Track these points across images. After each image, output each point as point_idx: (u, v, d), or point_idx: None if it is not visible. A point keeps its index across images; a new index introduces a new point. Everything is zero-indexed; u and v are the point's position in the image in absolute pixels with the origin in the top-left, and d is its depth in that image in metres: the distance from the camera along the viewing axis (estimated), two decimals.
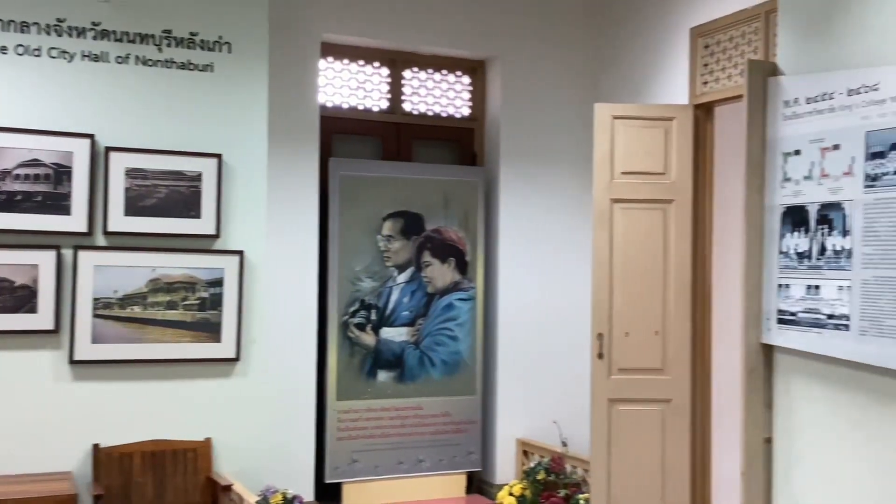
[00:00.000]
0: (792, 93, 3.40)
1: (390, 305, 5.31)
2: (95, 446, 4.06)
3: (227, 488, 3.98)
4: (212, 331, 4.27)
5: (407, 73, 5.64)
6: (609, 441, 4.66)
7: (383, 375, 5.28)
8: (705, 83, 4.76)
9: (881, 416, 3.02)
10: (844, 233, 3.15)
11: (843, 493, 3.17)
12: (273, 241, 4.68)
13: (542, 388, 5.61)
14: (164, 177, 4.22)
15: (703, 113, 4.80)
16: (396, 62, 5.59)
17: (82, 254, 4.08)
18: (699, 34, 4.80)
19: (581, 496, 4.81)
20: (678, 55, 4.96)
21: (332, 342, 5.14)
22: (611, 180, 4.70)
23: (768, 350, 3.52)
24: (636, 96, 5.30)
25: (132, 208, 4.17)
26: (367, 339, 5.23)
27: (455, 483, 5.46)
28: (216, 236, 4.28)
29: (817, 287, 3.26)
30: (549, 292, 5.65)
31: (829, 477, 3.24)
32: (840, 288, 3.16)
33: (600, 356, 4.68)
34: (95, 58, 4.14)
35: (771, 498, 3.48)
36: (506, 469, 5.53)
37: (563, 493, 4.93)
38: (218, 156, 4.28)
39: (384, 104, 5.57)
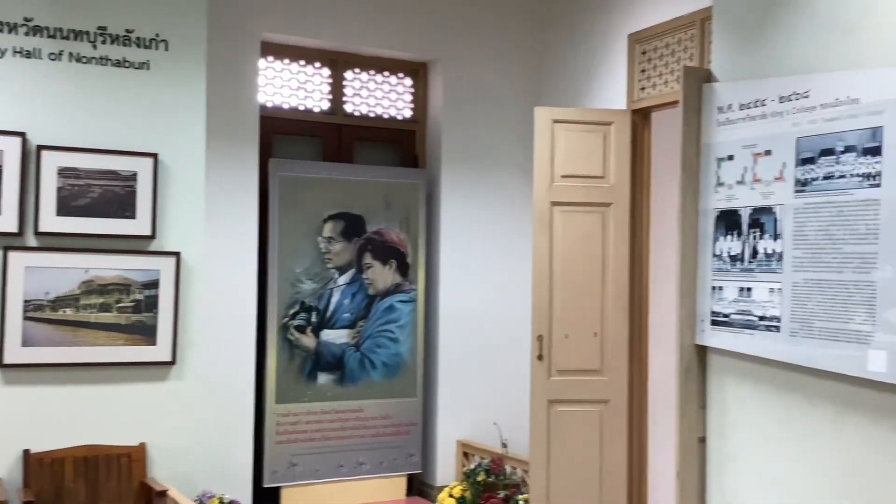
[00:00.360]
0: (726, 99, 3.48)
1: (331, 307, 5.27)
2: (26, 452, 3.94)
3: (162, 494, 3.90)
4: (147, 334, 4.19)
5: (348, 74, 5.61)
6: (548, 441, 4.70)
7: (323, 378, 5.24)
8: (643, 89, 4.84)
9: (809, 416, 3.11)
10: (775, 236, 3.23)
11: (774, 490, 3.25)
12: (211, 242, 4.60)
13: (482, 389, 5.63)
14: (98, 176, 4.12)
15: (641, 118, 4.87)
16: (338, 63, 5.56)
17: (12, 255, 3.96)
18: (637, 40, 4.88)
19: (521, 496, 4.85)
20: (617, 61, 5.03)
21: (271, 345, 5.08)
22: (551, 183, 4.74)
23: (702, 351, 3.59)
24: (576, 100, 5.36)
25: (65, 208, 4.07)
26: (308, 341, 5.19)
27: (395, 485, 5.45)
28: (152, 237, 4.20)
29: (749, 289, 3.34)
30: (490, 294, 5.68)
31: (759, 475, 3.32)
32: (771, 290, 3.24)
33: (540, 358, 4.72)
34: (27, 54, 4.03)
35: (705, 496, 3.55)
36: (446, 471, 5.54)
37: (502, 493, 4.95)
38: (154, 155, 4.20)
39: (325, 105, 5.54)
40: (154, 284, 4.20)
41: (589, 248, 4.77)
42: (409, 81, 5.81)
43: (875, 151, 2.85)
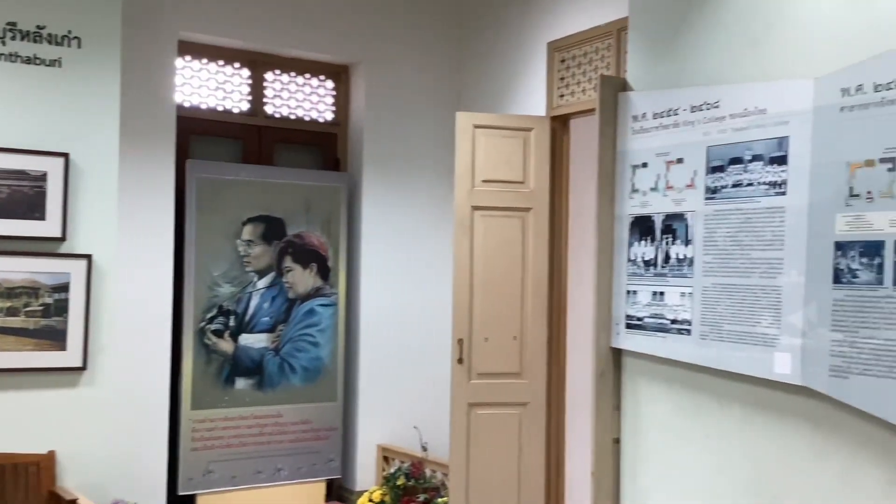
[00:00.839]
0: (640, 108, 3.56)
1: (250, 311, 5.20)
2: None
3: (72, 503, 3.78)
4: (56, 338, 4.05)
5: (269, 76, 5.54)
6: (468, 444, 4.74)
7: (241, 383, 5.16)
8: (562, 96, 4.92)
9: (719, 416, 3.21)
10: (687, 242, 3.32)
11: (685, 488, 3.34)
12: (125, 244, 4.50)
13: (403, 393, 5.63)
14: (5, 176, 3.97)
15: (560, 125, 4.96)
16: (258, 64, 5.49)
17: None
18: (556, 48, 4.96)
19: (440, 500, 4.87)
20: (537, 68, 5.11)
21: (187, 350, 4.98)
22: (472, 188, 4.78)
23: (617, 354, 3.67)
24: (497, 106, 5.42)
25: None
26: (225, 345, 5.10)
27: (314, 491, 5.40)
28: (62, 239, 4.07)
29: (662, 293, 3.43)
30: (412, 298, 5.69)
31: (671, 474, 3.41)
32: (682, 294, 3.33)
33: (460, 361, 4.75)
34: None
35: (619, 496, 3.62)
36: (366, 475, 5.52)
37: (422, 497, 4.97)
38: (65, 155, 4.07)
39: (245, 106, 5.46)
40: (64, 288, 4.06)
41: (509, 253, 4.82)
42: (330, 84, 5.78)
43: (781, 160, 2.96)
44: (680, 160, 3.37)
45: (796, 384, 2.87)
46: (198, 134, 5.30)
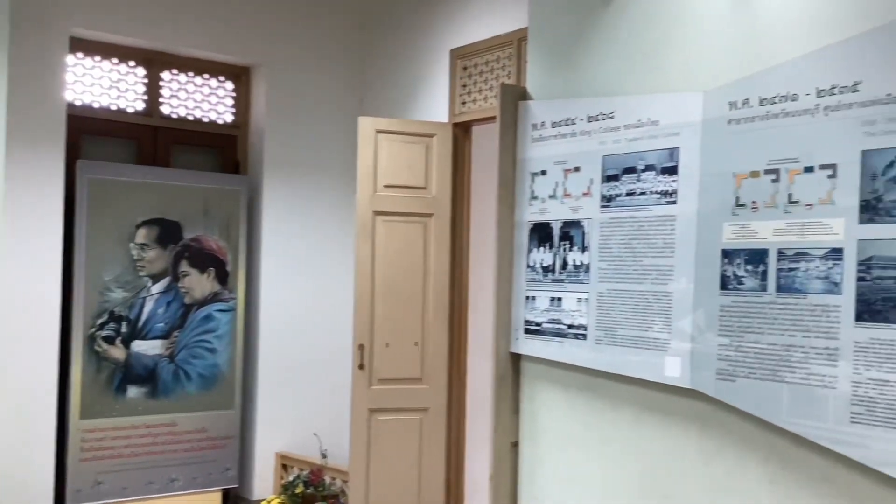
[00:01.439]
0: (539, 117, 3.63)
1: (143, 317, 5.04)
2: None
3: None
4: None
5: (166, 75, 5.39)
6: (368, 451, 4.71)
7: (134, 391, 4.99)
8: (464, 103, 4.96)
9: (612, 419, 3.29)
10: (583, 249, 3.39)
11: (580, 490, 3.41)
12: (10, 248, 4.29)
13: (303, 400, 5.56)
14: None
15: (462, 131, 4.99)
16: (154, 62, 5.33)
17: None
18: (458, 56, 4.99)
19: None
20: (439, 74, 5.13)
21: (76, 357, 4.78)
22: (374, 193, 4.77)
23: (516, 358, 3.71)
24: (400, 112, 5.42)
25: None
26: (117, 353, 4.93)
27: (210, 501, 5.26)
28: None
29: (559, 299, 3.49)
30: (313, 303, 5.62)
31: (567, 476, 3.47)
32: (579, 300, 3.40)
33: (361, 367, 4.72)
34: None
35: (517, 498, 3.67)
36: (264, 484, 5.42)
37: None
38: None
39: (140, 106, 5.30)
40: None
41: (410, 258, 4.83)
42: (230, 85, 5.66)
43: (672, 171, 3.06)
44: (577, 168, 3.45)
45: (685, 387, 2.96)
46: (90, 134, 5.11)
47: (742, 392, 2.76)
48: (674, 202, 3.04)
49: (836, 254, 2.52)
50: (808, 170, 2.61)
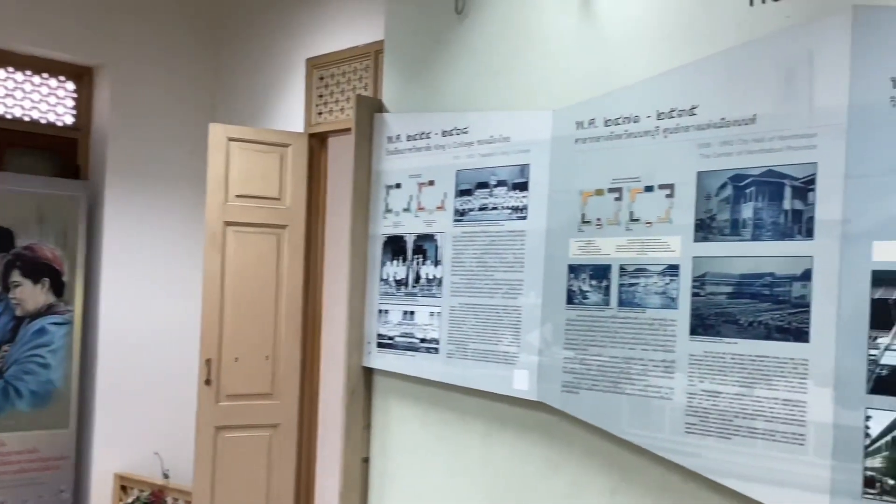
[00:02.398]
0: (395, 129, 3.62)
1: None
2: None
3: None
4: None
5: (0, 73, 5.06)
6: (213, 469, 4.54)
7: None
8: (320, 113, 4.90)
9: (463, 432, 3.30)
10: (436, 263, 3.40)
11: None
12: None
13: (146, 418, 5.30)
14: None
15: (318, 142, 4.92)
16: None
17: None
18: (315, 65, 4.93)
19: None
20: (295, 83, 5.05)
21: None
22: (224, 202, 4.62)
23: (369, 373, 3.67)
24: (256, 120, 5.29)
25: None
26: None
27: None
28: None
29: (412, 313, 3.48)
30: (158, 316, 5.38)
31: (418, 491, 3.45)
32: (431, 314, 3.40)
33: (208, 382, 4.56)
34: None
35: None
36: None
37: None
38: None
39: None
40: None
41: (263, 270, 4.71)
42: (71, 86, 5.36)
43: (523, 186, 3.11)
44: (431, 182, 3.45)
45: (533, 399, 3.01)
46: None
47: (585, 404, 2.83)
48: (524, 217, 3.09)
49: (672, 270, 2.62)
50: (649, 189, 2.71)
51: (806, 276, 2.33)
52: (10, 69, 5.10)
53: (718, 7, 2.61)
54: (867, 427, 2.20)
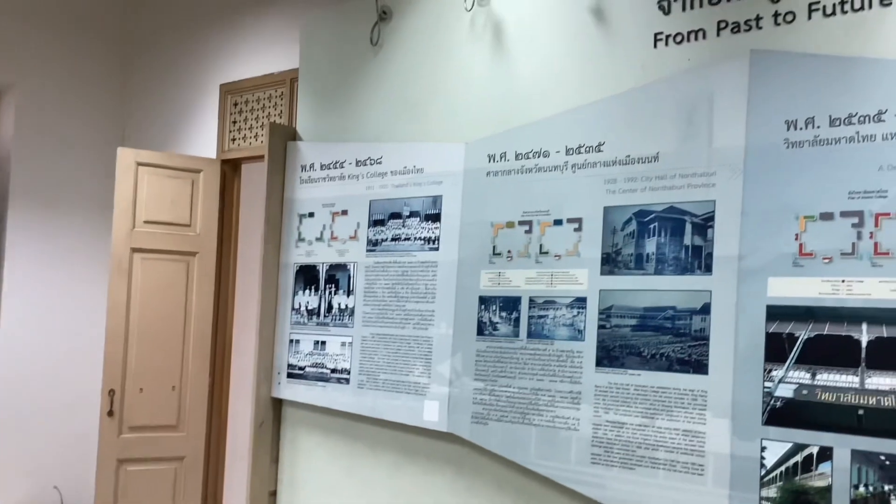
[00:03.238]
0: (309, 158, 3.60)
1: None
2: None
3: None
4: None
5: None
6: None
7: None
8: (234, 140, 4.84)
9: (373, 464, 3.27)
10: (349, 292, 3.38)
11: None
12: None
13: (44, 451, 5.07)
14: None
15: (231, 169, 4.86)
16: None
17: None
18: (228, 91, 4.87)
19: None
20: (208, 109, 4.97)
21: None
22: (132, 228, 4.51)
23: (278, 404, 3.62)
24: (168, 145, 5.18)
25: None
26: None
27: None
28: None
29: (324, 343, 3.45)
30: (60, 345, 5.18)
31: None
32: (343, 344, 3.38)
33: (111, 413, 4.40)
34: None
35: None
36: None
37: None
38: None
39: None
40: None
41: (171, 298, 4.60)
42: None
43: (435, 218, 3.13)
44: (345, 212, 3.45)
45: (443, 431, 3.01)
46: None
47: (494, 435, 2.84)
48: (436, 249, 3.11)
49: (580, 303, 2.67)
50: (558, 223, 2.77)
51: (705, 309, 2.41)
52: None
53: (624, 47, 2.70)
54: (763, 457, 2.28)
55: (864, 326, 2.16)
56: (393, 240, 3.26)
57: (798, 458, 2.23)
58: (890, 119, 2.17)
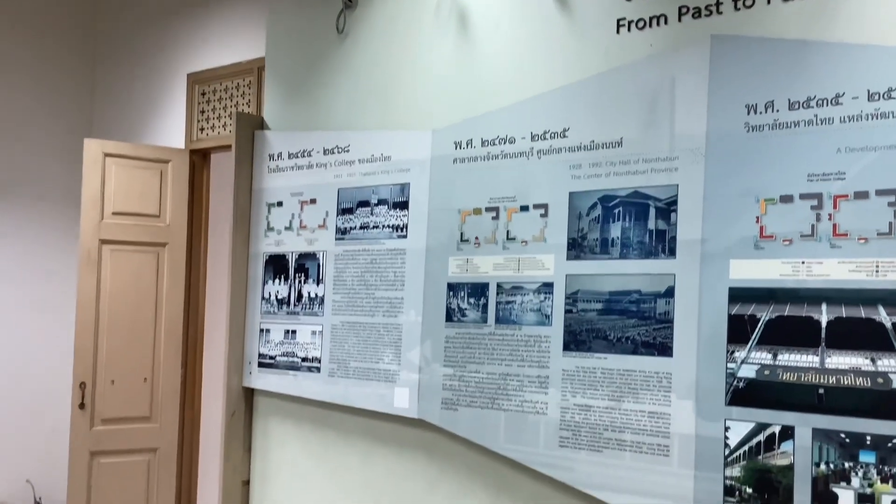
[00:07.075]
0: (276, 147, 3.59)
1: None
2: None
3: None
4: None
5: None
6: (89, 497, 4.37)
7: None
8: (202, 129, 4.81)
9: (345, 451, 3.28)
10: (318, 281, 3.38)
11: None
12: None
13: (16, 444, 5.04)
14: None
15: (200, 158, 4.83)
16: None
17: None
18: (196, 81, 4.83)
19: None
20: (176, 98, 4.94)
21: None
22: (101, 220, 4.47)
23: (250, 394, 3.62)
24: (135, 135, 5.14)
25: None
26: None
27: None
28: None
29: (294, 332, 3.45)
30: (28, 338, 5.14)
31: None
32: (313, 333, 3.38)
33: (82, 406, 4.38)
34: None
35: None
36: None
37: None
38: None
39: None
40: None
41: (141, 290, 4.57)
42: None
43: (403, 205, 3.13)
44: (313, 201, 3.44)
45: (413, 417, 3.02)
46: None
47: (464, 420, 2.86)
48: (404, 236, 3.12)
49: (547, 288, 2.69)
50: (524, 209, 2.78)
51: (669, 293, 2.43)
52: None
53: (587, 33, 2.71)
54: (727, 437, 2.31)
55: (824, 307, 2.19)
56: (361, 228, 3.26)
57: (761, 437, 2.26)
58: (847, 102, 2.20)
